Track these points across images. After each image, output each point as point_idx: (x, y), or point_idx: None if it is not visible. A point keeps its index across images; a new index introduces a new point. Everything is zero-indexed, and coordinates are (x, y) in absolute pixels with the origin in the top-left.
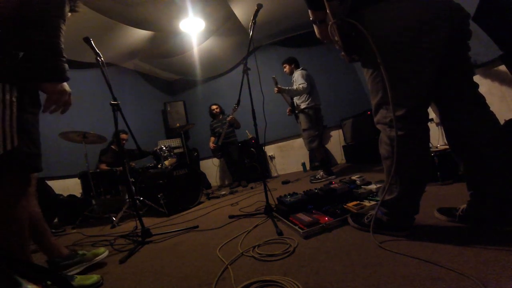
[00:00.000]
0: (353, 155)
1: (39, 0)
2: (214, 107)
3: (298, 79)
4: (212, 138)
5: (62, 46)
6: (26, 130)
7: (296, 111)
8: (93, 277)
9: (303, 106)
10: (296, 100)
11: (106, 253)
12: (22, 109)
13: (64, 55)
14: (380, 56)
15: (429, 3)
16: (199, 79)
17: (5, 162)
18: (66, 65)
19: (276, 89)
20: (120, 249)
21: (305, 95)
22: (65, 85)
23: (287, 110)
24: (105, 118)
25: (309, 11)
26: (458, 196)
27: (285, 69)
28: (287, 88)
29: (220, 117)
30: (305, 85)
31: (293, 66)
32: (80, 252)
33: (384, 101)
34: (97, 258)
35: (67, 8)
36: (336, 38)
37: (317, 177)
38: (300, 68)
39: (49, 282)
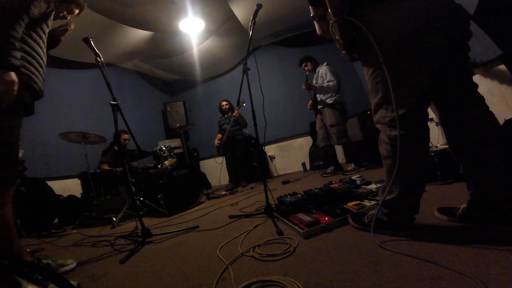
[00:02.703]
0: (353, 155)
1: None
2: (224, 103)
3: (327, 75)
4: (219, 135)
5: (16, 34)
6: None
7: (320, 106)
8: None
9: (330, 101)
10: (321, 95)
11: (74, 264)
12: None
13: (15, 43)
14: (382, 56)
15: (430, 4)
16: (199, 79)
17: None
18: (17, 53)
19: (304, 85)
20: (121, 249)
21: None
22: (9, 74)
23: (308, 104)
24: (105, 118)
25: (310, 7)
26: (458, 196)
27: (307, 68)
28: (317, 85)
29: (229, 113)
30: (335, 83)
31: (313, 61)
32: (45, 261)
33: (384, 100)
34: (62, 268)
35: (36, 4)
36: (337, 37)
37: (348, 169)
38: (325, 64)
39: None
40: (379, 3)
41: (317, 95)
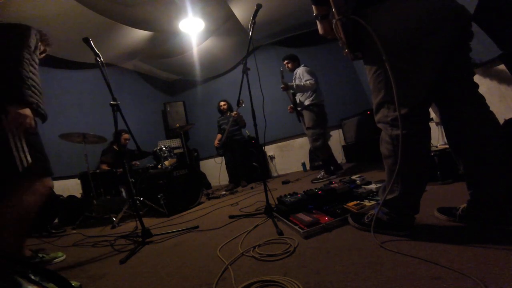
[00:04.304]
0: (353, 155)
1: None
2: (222, 103)
3: (304, 75)
4: (219, 136)
5: (26, 73)
6: (33, 147)
7: (299, 108)
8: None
9: (307, 102)
10: (299, 96)
11: (63, 257)
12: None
13: (27, 82)
14: (385, 54)
15: (431, 4)
16: (199, 79)
17: (24, 174)
18: (29, 91)
19: (282, 86)
20: (121, 249)
21: (310, 92)
22: (27, 110)
23: (289, 108)
24: (105, 118)
25: (313, 6)
26: (458, 196)
27: (287, 66)
28: (294, 84)
29: (228, 113)
30: (313, 81)
31: (295, 63)
32: (40, 254)
33: (386, 100)
34: (54, 260)
35: (32, 39)
36: (340, 35)
37: (318, 177)
38: (302, 65)
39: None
40: (382, 3)
41: (296, 97)
